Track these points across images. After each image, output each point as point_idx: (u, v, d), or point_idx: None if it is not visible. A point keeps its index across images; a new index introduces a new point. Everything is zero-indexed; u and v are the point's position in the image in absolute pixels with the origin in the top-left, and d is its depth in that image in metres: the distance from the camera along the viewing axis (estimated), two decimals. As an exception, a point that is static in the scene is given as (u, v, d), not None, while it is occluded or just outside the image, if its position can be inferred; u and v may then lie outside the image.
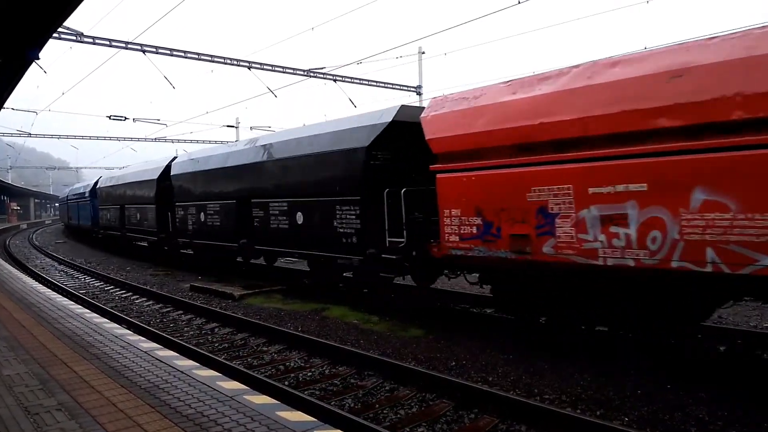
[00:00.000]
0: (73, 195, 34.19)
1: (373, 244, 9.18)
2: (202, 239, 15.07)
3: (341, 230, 9.82)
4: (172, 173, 16.73)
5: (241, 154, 13.33)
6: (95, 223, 27.05)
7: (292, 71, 20.33)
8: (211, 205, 14.42)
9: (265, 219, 12.06)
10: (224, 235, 13.87)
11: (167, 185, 17.19)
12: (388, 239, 8.84)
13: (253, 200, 12.50)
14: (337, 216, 9.89)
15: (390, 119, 9.10)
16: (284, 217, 11.45)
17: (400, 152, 9.49)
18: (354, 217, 9.55)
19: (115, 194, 22.63)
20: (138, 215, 19.84)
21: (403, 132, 9.14)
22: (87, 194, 28.64)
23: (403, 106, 9.36)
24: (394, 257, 8.82)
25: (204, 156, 15.40)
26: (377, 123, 9.30)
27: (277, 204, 11.68)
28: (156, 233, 18.10)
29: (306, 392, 5.97)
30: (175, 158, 17.79)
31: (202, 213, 14.90)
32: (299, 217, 10.98)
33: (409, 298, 11.31)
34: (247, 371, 6.61)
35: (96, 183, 26.92)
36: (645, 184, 5.66)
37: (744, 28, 5.77)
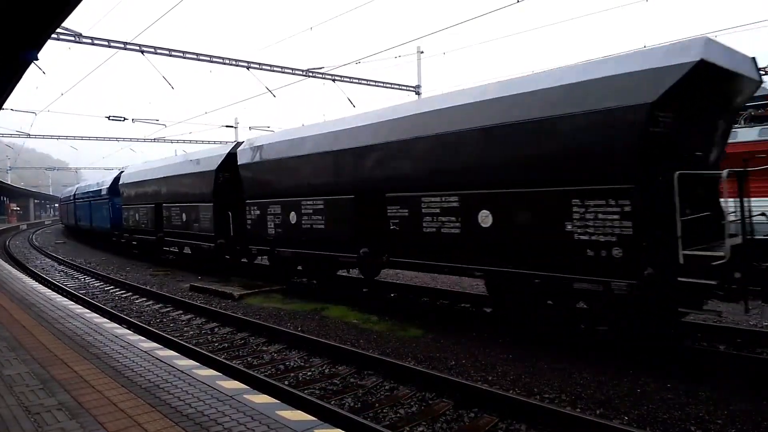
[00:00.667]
0: (84, 193, 30.20)
1: (652, 261, 6.00)
2: (293, 247, 11.69)
3: (583, 237, 6.50)
4: (240, 162, 13.28)
5: (363, 131, 9.73)
6: (116, 225, 23.50)
7: (290, 71, 20.34)
8: (310, 203, 11.03)
9: (412, 220, 8.73)
10: (332, 242, 10.55)
11: (227, 178, 14.16)
12: (682, 252, 5.77)
13: (389, 194, 9.13)
14: (575, 215, 6.57)
15: (696, 58, 5.72)
16: (452, 218, 8.12)
17: (686, 114, 6.28)
18: (617, 216, 6.18)
19: (148, 191, 19.11)
20: (183, 216, 16.26)
21: (701, 83, 5.98)
22: (105, 192, 24.91)
23: (709, 41, 6.01)
24: (705, 282, 5.60)
25: (297, 138, 11.62)
26: (670, 65, 5.85)
27: (437, 199, 8.34)
28: (213, 238, 14.49)
29: (306, 392, 5.98)
30: (239, 144, 14.22)
31: (293, 213, 11.51)
32: (485, 218, 7.64)
33: (407, 298, 11.32)
34: (247, 371, 6.61)
35: (117, 179, 23.40)
36: None
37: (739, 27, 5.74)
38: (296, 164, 11.42)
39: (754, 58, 6.71)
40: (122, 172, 23.51)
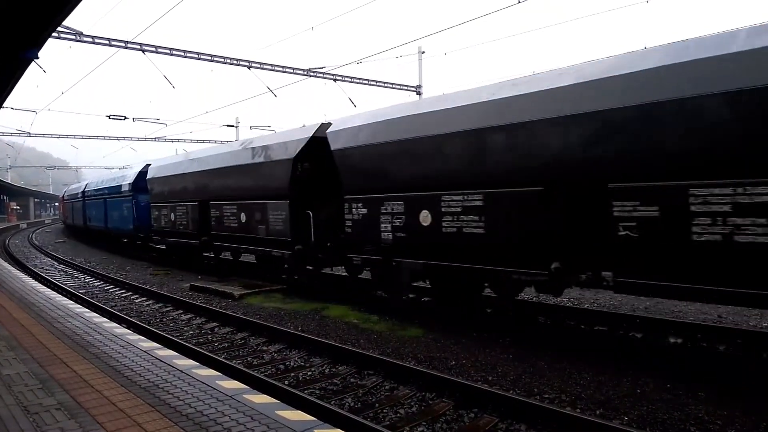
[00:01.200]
0: (97, 190, 26.59)
1: None
2: (424, 257, 8.67)
3: None
4: (336, 147, 10.28)
5: (557, 96, 6.78)
6: (141, 226, 20.47)
7: (291, 71, 20.32)
8: (457, 198, 8.00)
9: (669, 222, 5.81)
10: (498, 252, 7.53)
11: (307, 169, 11.41)
12: None
13: (616, 185, 6.20)
14: None
15: None
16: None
17: None
18: None
19: (190, 186, 16.04)
20: (243, 216, 13.24)
21: None
22: (127, 188, 21.67)
23: None
24: None
25: (432, 111, 8.49)
26: None
27: (728, 190, 5.45)
28: (289, 244, 11.54)
29: (306, 391, 5.98)
30: (325, 125, 11.14)
31: (426, 212, 8.51)
32: None
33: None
34: (247, 370, 6.61)
35: (143, 172, 20.42)
36: None
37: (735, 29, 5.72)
38: (434, 145, 8.31)
39: None
40: (149, 164, 20.29)
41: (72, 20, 17.21)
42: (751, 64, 5.33)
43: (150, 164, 20.23)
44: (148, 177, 19.23)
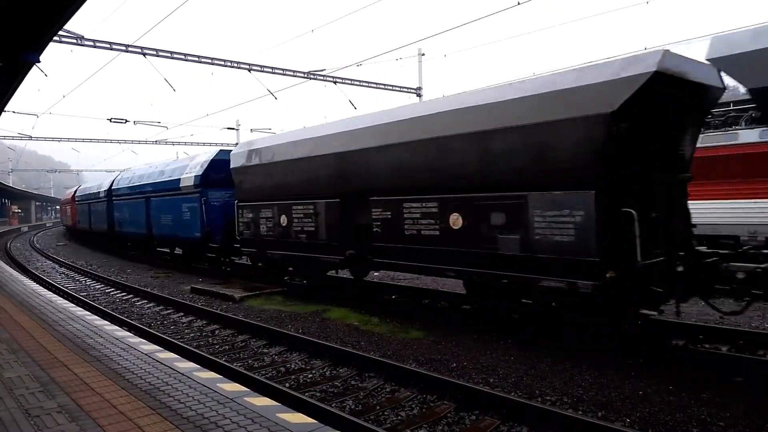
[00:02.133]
0: (133, 187, 20.98)
1: None
2: None
3: None
4: None
5: None
6: (214, 233, 15.50)
7: (292, 73, 20.37)
8: None
9: None
10: None
11: (628, 132, 6.17)
12: None
13: None
14: None
15: None
16: None
17: None
18: None
19: (326, 175, 10.63)
20: (459, 219, 8.02)
21: None
22: (191, 182, 16.04)
23: None
24: None
25: None
26: None
27: None
28: (592, 269, 6.41)
29: (307, 394, 5.97)
30: (669, 54, 6.15)
31: None
32: None
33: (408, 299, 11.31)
34: (248, 373, 6.60)
35: (217, 161, 15.40)
36: None
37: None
38: None
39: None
40: (224, 150, 15.87)
41: (73, 24, 17.24)
42: None
43: (227, 150, 15.59)
44: (233, 166, 13.59)
